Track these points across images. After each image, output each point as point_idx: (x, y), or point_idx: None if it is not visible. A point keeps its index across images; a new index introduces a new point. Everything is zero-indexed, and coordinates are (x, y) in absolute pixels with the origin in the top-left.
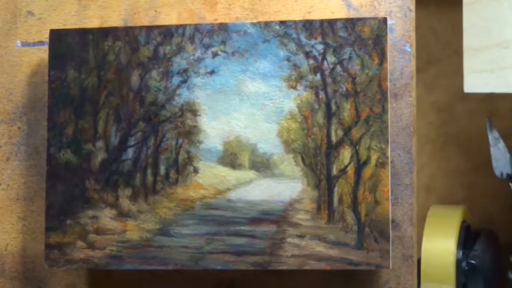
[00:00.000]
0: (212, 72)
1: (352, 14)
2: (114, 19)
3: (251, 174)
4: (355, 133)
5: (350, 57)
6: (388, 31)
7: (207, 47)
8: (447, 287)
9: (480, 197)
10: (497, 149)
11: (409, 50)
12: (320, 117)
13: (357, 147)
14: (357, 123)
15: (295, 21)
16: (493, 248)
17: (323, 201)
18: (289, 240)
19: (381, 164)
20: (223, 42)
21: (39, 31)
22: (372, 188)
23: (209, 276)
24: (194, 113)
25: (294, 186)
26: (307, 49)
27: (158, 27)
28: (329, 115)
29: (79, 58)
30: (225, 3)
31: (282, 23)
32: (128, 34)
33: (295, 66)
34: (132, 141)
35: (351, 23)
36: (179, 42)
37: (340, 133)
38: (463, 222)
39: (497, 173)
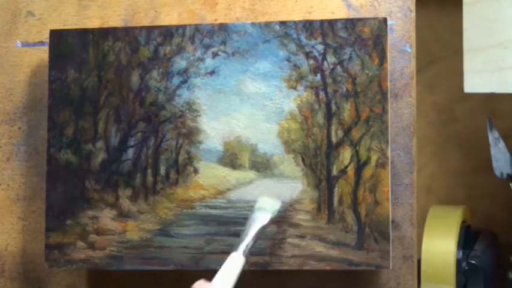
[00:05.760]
0: (212, 73)
1: (353, 14)
2: (114, 19)
3: (251, 174)
4: (355, 133)
5: (350, 58)
6: (388, 31)
7: (207, 47)
8: (447, 287)
9: (480, 197)
10: (497, 149)
11: (409, 50)
12: (320, 118)
13: (357, 148)
14: (357, 123)
15: (295, 22)
16: (493, 248)
17: (323, 202)
18: (289, 240)
19: (381, 164)
20: (224, 43)
21: (39, 31)
22: (372, 188)
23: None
24: (194, 113)
25: (294, 187)
26: (308, 49)
27: (158, 27)
28: (329, 115)
29: (79, 58)
30: (225, 4)
31: (282, 23)
32: (128, 34)
33: (296, 66)
34: (132, 142)
35: (351, 23)
36: (179, 43)
37: (340, 133)
38: (463, 222)
39: (497, 173)
